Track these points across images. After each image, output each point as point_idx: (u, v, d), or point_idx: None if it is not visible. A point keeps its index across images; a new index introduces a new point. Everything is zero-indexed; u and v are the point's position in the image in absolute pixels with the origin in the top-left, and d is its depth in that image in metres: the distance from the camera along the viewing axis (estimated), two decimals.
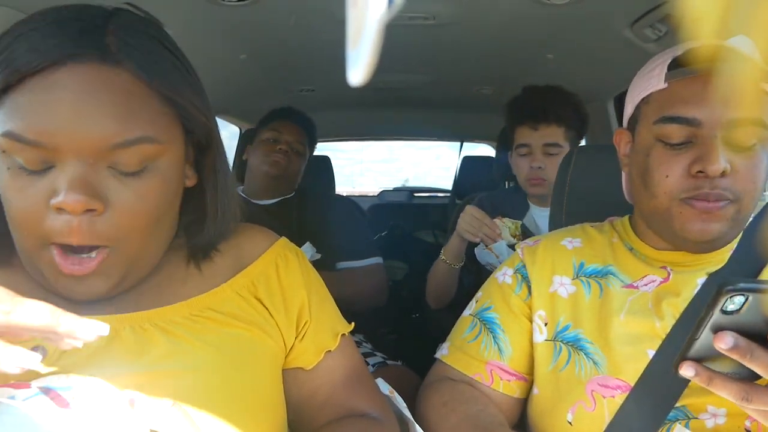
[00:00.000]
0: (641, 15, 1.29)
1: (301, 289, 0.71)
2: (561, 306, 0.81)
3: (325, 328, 0.72)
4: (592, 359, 0.76)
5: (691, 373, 0.53)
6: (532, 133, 1.45)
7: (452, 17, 1.42)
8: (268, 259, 0.71)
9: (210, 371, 0.59)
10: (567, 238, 0.88)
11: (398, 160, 10.38)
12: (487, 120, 2.77)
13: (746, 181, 0.69)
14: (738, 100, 0.69)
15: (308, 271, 0.74)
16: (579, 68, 1.70)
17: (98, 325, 0.46)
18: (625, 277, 0.80)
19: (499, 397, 0.83)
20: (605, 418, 0.72)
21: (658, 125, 0.73)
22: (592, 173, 1.05)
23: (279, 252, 0.72)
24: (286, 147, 1.71)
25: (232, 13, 1.35)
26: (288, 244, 0.75)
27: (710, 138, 0.69)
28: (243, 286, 0.67)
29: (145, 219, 0.58)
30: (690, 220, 0.71)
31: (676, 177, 0.71)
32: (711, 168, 0.68)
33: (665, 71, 0.75)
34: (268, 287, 0.69)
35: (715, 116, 0.69)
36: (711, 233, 0.70)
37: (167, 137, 0.58)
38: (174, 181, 0.61)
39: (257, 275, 0.69)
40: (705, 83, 0.70)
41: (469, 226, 1.37)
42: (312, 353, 0.70)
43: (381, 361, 1.39)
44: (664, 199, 0.73)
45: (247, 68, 1.84)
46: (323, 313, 0.73)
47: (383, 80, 2.11)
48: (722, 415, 0.68)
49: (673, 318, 0.73)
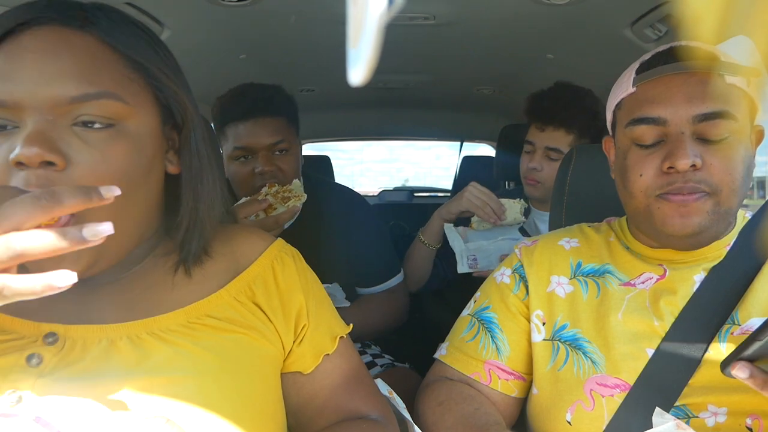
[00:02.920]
0: (641, 15, 1.29)
1: (298, 292, 0.70)
2: (559, 305, 0.81)
3: (323, 332, 0.71)
4: (590, 358, 0.76)
5: (745, 375, 0.53)
6: (539, 133, 1.45)
7: (452, 17, 1.42)
8: (265, 262, 0.70)
9: (210, 377, 0.59)
10: (564, 238, 0.88)
11: (398, 160, 10.40)
12: (487, 120, 2.78)
13: (721, 174, 0.70)
14: (702, 95, 0.70)
15: (305, 273, 0.73)
16: (579, 68, 1.70)
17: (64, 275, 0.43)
18: (622, 275, 0.80)
19: (497, 396, 0.83)
20: (604, 417, 0.72)
21: (629, 128, 0.76)
22: (592, 173, 1.05)
23: (276, 254, 0.71)
24: (269, 166, 1.25)
25: (232, 13, 1.35)
26: (284, 246, 0.74)
27: (677, 134, 0.71)
28: (240, 290, 0.66)
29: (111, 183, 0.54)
30: (668, 215, 0.72)
31: (649, 175, 0.73)
32: (680, 163, 0.69)
33: (633, 76, 0.77)
34: (266, 291, 0.68)
35: (680, 113, 0.71)
36: (691, 226, 0.71)
37: (135, 101, 0.58)
38: (147, 154, 0.59)
39: (254, 279, 0.68)
40: (669, 83, 0.73)
41: (477, 199, 1.37)
42: (310, 357, 0.69)
43: (389, 363, 1.38)
44: (642, 197, 0.74)
45: (247, 68, 1.84)
46: (321, 316, 0.72)
47: (383, 80, 2.11)
48: (723, 414, 0.68)
49: (671, 316, 0.73)
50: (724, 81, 0.71)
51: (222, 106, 1.30)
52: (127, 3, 1.21)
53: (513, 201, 1.40)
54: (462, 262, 1.38)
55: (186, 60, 1.88)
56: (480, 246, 1.39)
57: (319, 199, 1.34)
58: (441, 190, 3.87)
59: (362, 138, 3.62)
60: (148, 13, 1.29)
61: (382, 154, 13.57)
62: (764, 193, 3.14)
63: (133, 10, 1.25)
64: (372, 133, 3.41)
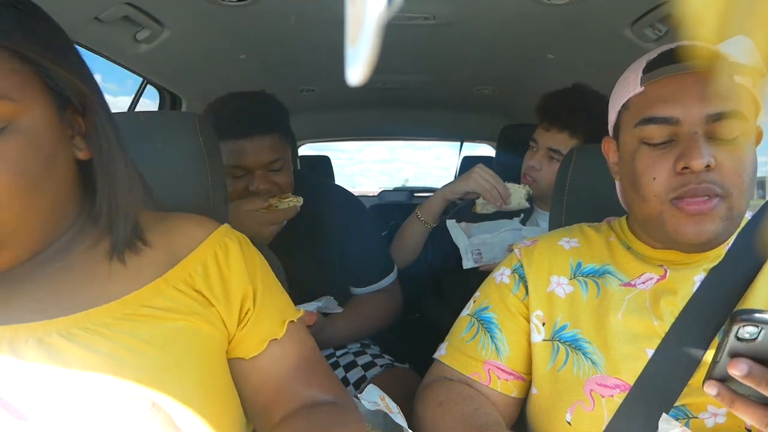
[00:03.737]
0: (641, 15, 1.29)
1: (243, 277, 0.68)
2: (558, 306, 0.81)
3: (270, 316, 0.69)
4: (590, 359, 0.76)
5: (714, 392, 0.55)
6: (543, 133, 1.43)
7: (452, 17, 1.42)
8: (206, 248, 0.67)
9: (155, 371, 0.57)
10: (564, 238, 0.88)
11: (398, 160, 10.40)
12: (487, 120, 2.78)
13: (733, 175, 0.69)
14: (714, 95, 0.70)
15: (252, 258, 0.71)
16: (579, 68, 1.70)
17: None
18: (623, 275, 0.80)
19: (497, 396, 0.83)
20: (604, 417, 0.72)
21: (639, 128, 0.74)
22: (592, 173, 1.04)
23: (218, 241, 0.69)
24: (266, 184, 1.25)
25: (232, 13, 1.35)
26: (228, 231, 0.71)
27: (691, 134, 0.70)
28: (179, 278, 0.64)
29: (10, 185, 0.52)
30: (683, 223, 0.71)
31: (663, 177, 0.71)
32: (695, 163, 0.68)
33: (641, 75, 0.76)
34: (207, 278, 0.66)
35: (692, 113, 0.70)
36: (706, 234, 0.70)
37: (23, 95, 0.54)
38: (46, 147, 0.56)
39: (194, 267, 0.66)
40: (680, 82, 0.71)
41: (485, 181, 1.38)
42: (253, 342, 0.67)
43: (388, 363, 1.38)
44: (656, 202, 0.73)
45: (247, 68, 1.84)
46: (269, 301, 0.70)
47: (383, 80, 2.11)
48: (722, 414, 0.68)
49: (671, 316, 0.73)
50: (734, 81, 0.70)
51: (216, 122, 1.23)
52: (127, 3, 1.21)
53: (518, 186, 1.41)
54: (467, 257, 1.38)
55: (186, 60, 1.89)
56: (484, 240, 1.40)
57: (314, 199, 1.34)
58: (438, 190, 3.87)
59: (362, 138, 3.62)
60: (148, 13, 1.29)
61: (382, 154, 13.58)
62: (764, 193, 3.14)
63: (133, 10, 1.25)
64: (372, 133, 3.41)
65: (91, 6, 1.17)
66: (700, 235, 0.70)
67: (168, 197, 0.91)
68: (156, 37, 1.40)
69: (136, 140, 0.91)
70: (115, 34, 1.34)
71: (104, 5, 1.18)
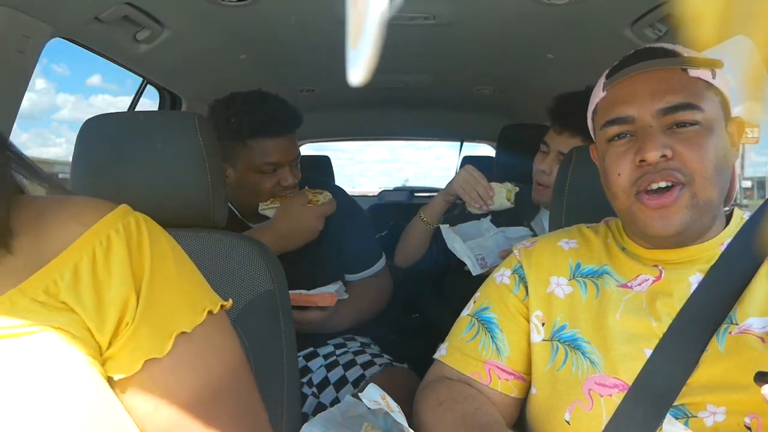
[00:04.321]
0: (641, 15, 1.29)
1: (124, 280, 0.54)
2: (558, 306, 0.82)
3: (152, 327, 0.54)
4: (589, 359, 0.76)
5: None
6: (555, 136, 1.41)
7: (452, 17, 1.42)
8: (81, 247, 0.53)
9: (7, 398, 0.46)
10: (563, 239, 0.89)
11: (398, 160, 10.40)
12: (487, 120, 2.78)
13: (693, 162, 0.72)
14: (664, 90, 0.73)
15: (142, 252, 0.56)
16: (579, 68, 1.70)
17: None
18: (620, 277, 0.80)
19: (497, 396, 0.83)
20: (603, 417, 0.72)
21: (603, 130, 0.79)
22: (592, 173, 1.04)
23: (99, 235, 0.54)
24: (294, 178, 1.38)
25: (232, 13, 1.35)
26: (114, 222, 0.56)
27: (645, 129, 0.75)
28: (39, 288, 0.51)
29: None
30: (649, 217, 0.74)
31: (626, 172, 0.76)
32: (649, 155, 0.72)
33: (603, 81, 0.82)
34: (76, 285, 0.52)
35: (645, 109, 0.75)
36: (673, 227, 0.73)
37: None
38: None
39: (61, 272, 0.52)
40: (633, 83, 0.77)
41: (465, 182, 1.39)
42: (125, 358, 0.53)
43: (388, 362, 1.39)
44: (623, 197, 0.77)
45: (247, 68, 1.84)
46: (155, 309, 0.54)
47: (383, 80, 2.11)
48: (721, 413, 0.68)
49: (669, 317, 0.73)
50: (688, 75, 0.75)
51: (249, 121, 1.31)
52: (127, 3, 1.21)
53: (501, 185, 1.41)
54: (474, 265, 1.39)
55: (186, 60, 1.89)
56: (478, 244, 1.42)
57: None
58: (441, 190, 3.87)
59: (362, 138, 3.62)
60: (148, 13, 1.29)
61: (382, 154, 13.57)
62: (764, 193, 3.13)
63: (133, 10, 1.25)
64: (372, 133, 3.41)
65: (91, 6, 1.17)
66: (667, 228, 0.73)
67: (168, 197, 0.91)
68: (156, 37, 1.40)
69: (136, 140, 0.92)
70: (115, 34, 1.34)
71: (104, 5, 1.18)
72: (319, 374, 1.36)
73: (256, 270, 0.90)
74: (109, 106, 35.21)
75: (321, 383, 1.35)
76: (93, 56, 1.42)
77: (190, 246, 0.85)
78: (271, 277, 0.91)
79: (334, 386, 1.32)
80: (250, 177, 1.34)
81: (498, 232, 1.45)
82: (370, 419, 0.74)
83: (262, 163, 1.32)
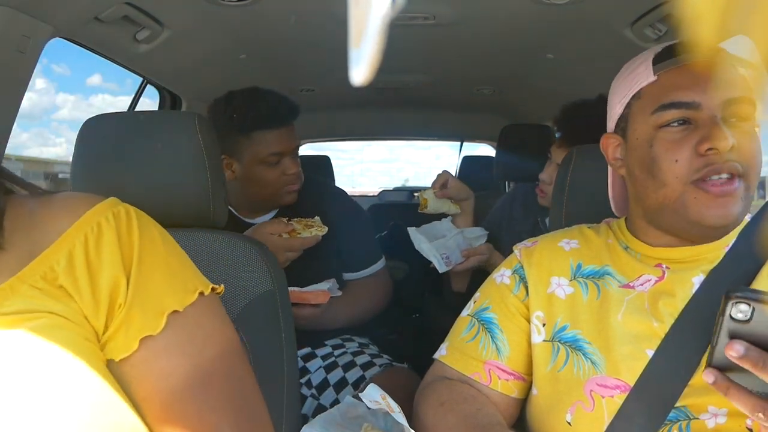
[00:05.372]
0: (641, 15, 1.29)
1: (115, 264, 0.56)
2: (559, 307, 0.81)
3: (145, 306, 0.56)
4: (590, 359, 0.76)
5: (711, 380, 0.56)
6: (557, 149, 1.43)
7: (452, 17, 1.42)
8: (73, 235, 0.57)
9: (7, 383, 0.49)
10: (564, 240, 0.88)
11: (398, 160, 10.40)
12: (487, 120, 2.78)
13: (749, 156, 0.72)
14: (727, 82, 0.72)
15: (131, 236, 0.59)
16: (579, 68, 1.70)
17: None
18: (622, 277, 0.80)
19: (497, 396, 0.83)
20: (604, 418, 0.72)
21: (657, 114, 0.75)
22: (592, 173, 1.04)
23: (90, 223, 0.58)
24: (296, 166, 1.42)
25: (232, 13, 1.35)
26: (104, 211, 0.59)
27: (712, 117, 0.72)
28: (38, 275, 0.55)
29: None
30: (708, 205, 0.72)
31: (685, 159, 0.73)
32: (721, 144, 0.70)
33: (651, 66, 0.78)
34: (72, 270, 0.55)
35: (711, 97, 0.73)
36: (731, 216, 0.72)
37: None
38: None
39: (56, 259, 0.56)
40: (694, 71, 0.74)
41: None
42: (122, 339, 0.56)
43: (387, 363, 1.39)
44: (677, 184, 0.73)
45: (247, 68, 1.84)
46: (146, 289, 0.57)
47: (383, 80, 2.11)
48: (723, 415, 0.68)
49: (671, 318, 0.73)
50: (738, 72, 0.74)
51: (249, 114, 1.35)
52: (127, 3, 1.21)
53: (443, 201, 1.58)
54: (440, 263, 1.48)
55: (186, 60, 1.89)
56: (441, 244, 1.51)
57: (316, 199, 1.49)
58: None
59: (362, 138, 3.62)
60: (148, 13, 1.29)
61: (382, 154, 13.56)
62: (764, 193, 3.14)
63: (133, 10, 1.25)
64: (372, 133, 3.41)
65: (91, 6, 1.17)
66: (725, 217, 0.72)
67: (168, 197, 0.91)
68: (156, 37, 1.40)
69: (136, 140, 0.92)
70: (115, 34, 1.34)
71: (104, 5, 1.18)
72: (318, 375, 1.36)
73: (256, 270, 0.90)
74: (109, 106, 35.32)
75: (320, 385, 1.35)
76: (93, 56, 1.42)
77: (190, 246, 0.85)
78: (271, 277, 0.91)
79: (333, 388, 1.32)
80: (255, 169, 1.38)
81: (457, 232, 1.56)
82: (370, 420, 0.74)
83: (267, 153, 1.36)
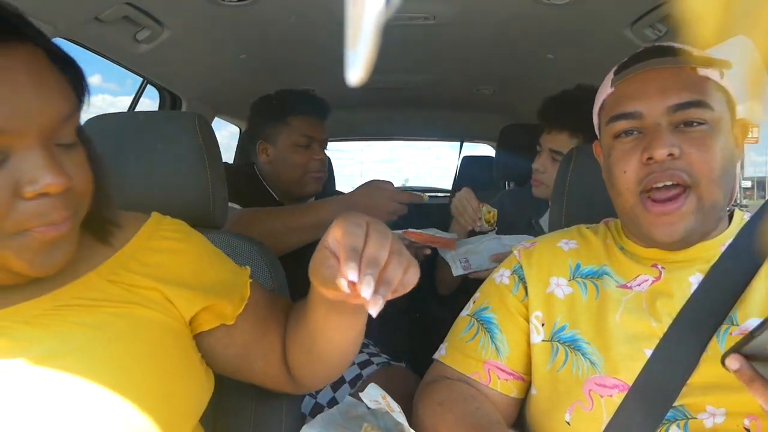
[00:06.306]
0: (641, 15, 1.29)
1: (186, 258, 0.71)
2: (558, 307, 0.82)
3: (232, 282, 0.74)
4: (589, 359, 0.76)
5: (735, 366, 0.56)
6: (545, 136, 1.45)
7: (452, 17, 1.42)
8: (141, 239, 0.70)
9: (90, 350, 0.58)
10: (563, 240, 0.88)
11: (398, 160, 10.39)
12: (487, 120, 2.78)
13: (700, 163, 0.71)
14: (675, 87, 0.72)
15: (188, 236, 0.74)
16: (579, 68, 1.70)
17: None
18: (619, 277, 0.80)
19: (497, 396, 0.83)
20: (603, 417, 0.72)
21: (609, 125, 0.78)
22: (592, 173, 1.04)
23: (153, 229, 0.72)
24: (323, 154, 1.58)
25: (232, 13, 1.35)
26: (161, 219, 0.74)
27: (654, 126, 0.74)
28: (112, 271, 0.66)
29: (88, 186, 0.61)
30: (653, 223, 0.73)
31: (632, 169, 0.75)
32: (657, 152, 0.71)
33: (612, 77, 0.81)
34: (144, 267, 0.67)
35: (654, 105, 0.74)
36: (677, 233, 0.73)
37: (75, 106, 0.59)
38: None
39: (126, 260, 0.67)
40: (643, 79, 0.76)
41: (459, 204, 1.43)
42: (229, 308, 0.72)
43: (385, 362, 1.39)
44: (628, 195, 0.76)
45: (247, 68, 1.84)
46: (220, 269, 0.74)
47: (383, 80, 2.11)
48: (721, 415, 0.68)
49: (669, 317, 0.73)
50: (697, 73, 0.74)
51: (292, 99, 1.55)
52: (127, 3, 1.21)
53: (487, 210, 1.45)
54: (456, 266, 1.42)
55: (186, 60, 1.89)
56: (469, 249, 1.43)
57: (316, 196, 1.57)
58: (441, 190, 3.86)
59: (362, 138, 3.62)
60: (148, 13, 1.29)
61: (382, 154, 13.56)
62: (764, 193, 3.11)
63: (133, 10, 1.25)
64: (372, 133, 3.41)
65: (91, 6, 1.17)
66: (671, 234, 0.73)
67: (168, 197, 0.91)
68: (156, 37, 1.40)
69: (136, 140, 0.92)
70: (115, 34, 1.34)
71: (104, 5, 1.18)
72: None
73: (256, 270, 0.90)
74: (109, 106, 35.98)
75: None
76: (93, 56, 1.42)
77: None
78: (271, 277, 0.91)
79: (330, 386, 1.32)
80: (288, 152, 1.53)
81: (493, 238, 1.47)
82: (370, 420, 0.74)
83: (300, 135, 1.52)
